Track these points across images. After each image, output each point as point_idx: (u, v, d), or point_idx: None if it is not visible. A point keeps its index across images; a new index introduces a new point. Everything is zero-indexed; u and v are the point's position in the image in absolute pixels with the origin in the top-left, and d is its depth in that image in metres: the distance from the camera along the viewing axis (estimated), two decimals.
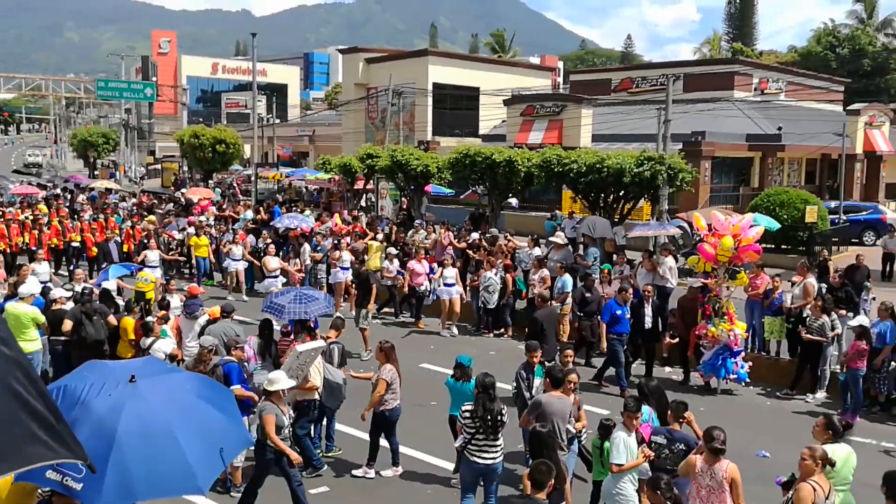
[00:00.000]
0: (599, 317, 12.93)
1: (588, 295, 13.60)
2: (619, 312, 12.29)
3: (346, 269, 16.95)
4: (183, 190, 36.93)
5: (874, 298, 13.44)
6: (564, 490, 7.22)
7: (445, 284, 15.78)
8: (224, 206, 28.84)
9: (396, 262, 16.91)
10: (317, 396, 8.80)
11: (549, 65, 74.61)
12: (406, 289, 16.48)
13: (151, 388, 4.89)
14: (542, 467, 5.70)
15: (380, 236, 19.52)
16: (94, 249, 20.68)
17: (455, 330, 15.89)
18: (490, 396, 7.31)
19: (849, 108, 41.51)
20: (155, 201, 31.91)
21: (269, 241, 19.28)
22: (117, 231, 21.61)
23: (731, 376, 12.11)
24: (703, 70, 41.87)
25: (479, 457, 7.27)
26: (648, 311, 12.95)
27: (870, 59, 61.72)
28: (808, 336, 11.98)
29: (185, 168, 49.93)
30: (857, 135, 36.87)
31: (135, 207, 28.54)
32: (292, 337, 10.25)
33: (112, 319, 11.15)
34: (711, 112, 34.18)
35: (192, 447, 4.65)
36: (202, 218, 23.65)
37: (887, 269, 21.68)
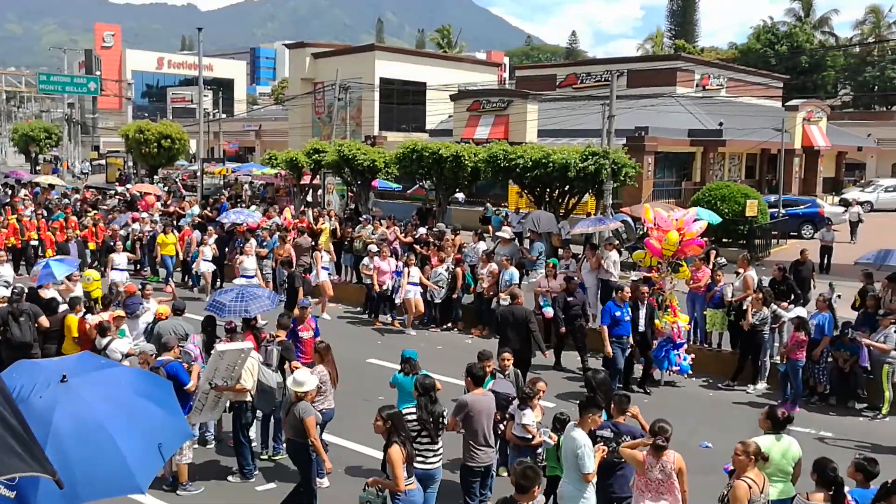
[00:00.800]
0: (587, 320, 12.91)
1: (570, 299, 13.03)
2: (618, 314, 11.57)
3: (326, 268, 16.73)
4: (128, 185, 36.11)
5: (839, 296, 13.61)
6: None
7: (410, 283, 15.34)
8: (168, 202, 28.37)
9: (376, 260, 16.40)
10: (249, 398, 8.58)
11: (496, 60, 74.96)
12: (376, 287, 16.05)
13: (84, 386, 4.75)
14: (529, 472, 5.63)
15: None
16: (49, 251, 19.58)
17: (412, 330, 15.58)
18: (431, 398, 7.13)
19: (787, 104, 42.58)
20: (99, 197, 31.19)
21: (214, 236, 19.05)
22: (78, 231, 20.72)
23: (674, 368, 12.28)
24: (646, 66, 42.50)
25: (418, 462, 6.97)
26: (643, 313, 12.08)
27: (807, 56, 63.48)
28: (748, 322, 12.17)
29: (131, 163, 48.85)
30: (795, 130, 37.88)
31: (78, 203, 27.72)
32: (237, 334, 10.04)
33: (44, 320, 10.76)
34: (654, 108, 34.70)
35: (129, 444, 4.54)
36: (146, 214, 23.22)
37: (825, 261, 22.31)
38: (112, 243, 18.84)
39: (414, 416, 7.07)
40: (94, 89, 48.36)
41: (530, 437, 7.45)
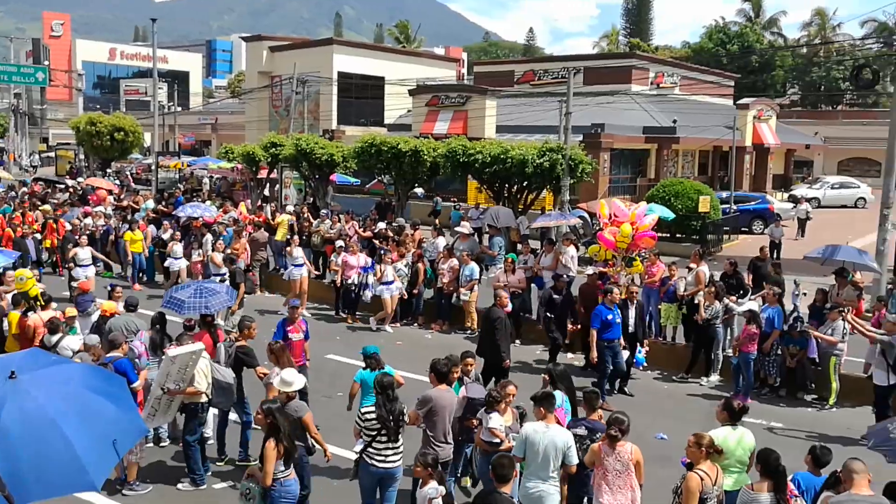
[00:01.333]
0: (576, 321, 12.95)
1: (556, 297, 12.90)
2: (609, 317, 11.32)
3: (301, 265, 16.29)
4: (80, 179, 35.27)
5: (805, 294, 13.95)
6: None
7: (385, 282, 15.09)
8: (122, 196, 27.85)
9: (344, 256, 16.14)
10: (204, 399, 8.39)
11: (454, 56, 75.00)
12: (339, 281, 15.83)
13: (34, 383, 4.68)
14: (504, 461, 5.81)
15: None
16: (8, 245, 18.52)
17: (388, 328, 15.28)
18: (389, 396, 7.07)
19: (738, 102, 43.53)
20: (49, 190, 30.31)
21: (169, 230, 18.79)
22: (35, 226, 19.90)
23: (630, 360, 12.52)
24: (602, 64, 43.00)
25: (378, 461, 7.01)
26: (632, 313, 12.01)
27: (757, 55, 64.86)
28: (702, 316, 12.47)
29: (82, 156, 47.76)
30: (746, 128, 38.72)
31: (27, 196, 26.92)
32: (196, 331, 9.84)
33: None
34: (610, 105, 35.17)
35: (82, 441, 4.46)
36: (99, 208, 22.76)
37: (773, 256, 22.88)
38: (75, 238, 18.11)
39: (373, 415, 7.03)
40: (43, 79, 47.06)
41: (498, 441, 7.17)
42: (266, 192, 32.76)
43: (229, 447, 9.08)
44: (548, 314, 12.95)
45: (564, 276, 14.01)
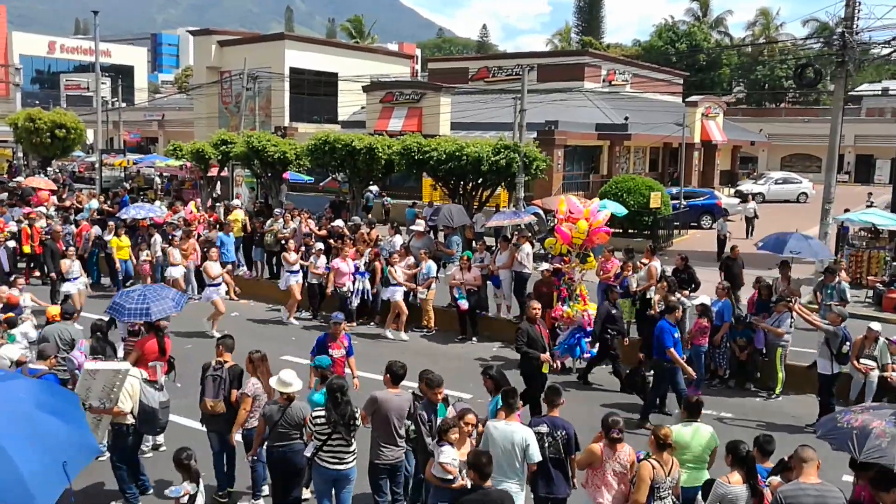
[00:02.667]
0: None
1: (615, 311, 12.33)
2: (676, 335, 10.70)
3: (296, 272, 15.77)
4: (19, 178, 34.05)
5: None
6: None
7: (391, 284, 14.75)
8: (64, 196, 27.02)
9: (323, 258, 15.84)
10: (130, 420, 7.91)
11: (408, 52, 74.88)
12: (330, 289, 15.19)
13: None
14: (483, 458, 5.84)
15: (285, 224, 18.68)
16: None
17: (404, 335, 14.72)
18: (338, 399, 6.95)
19: (687, 100, 44.39)
20: None
21: (114, 231, 18.34)
22: (6, 234, 18.37)
23: (586, 355, 12.68)
24: (555, 61, 43.38)
25: (330, 463, 6.97)
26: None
27: (705, 54, 66.23)
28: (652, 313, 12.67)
29: (21, 154, 46.22)
30: (695, 125, 39.50)
31: None
32: (140, 337, 9.54)
33: None
34: (564, 102, 35.49)
35: (30, 464, 4.23)
36: (41, 208, 21.96)
37: (721, 252, 23.40)
38: (63, 249, 16.85)
39: (323, 419, 6.96)
40: None
41: (451, 477, 6.49)
42: (217, 191, 32.21)
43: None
44: (609, 330, 12.13)
45: (617, 287, 13.42)
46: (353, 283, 15.07)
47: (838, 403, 10.18)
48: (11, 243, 18.00)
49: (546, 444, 6.80)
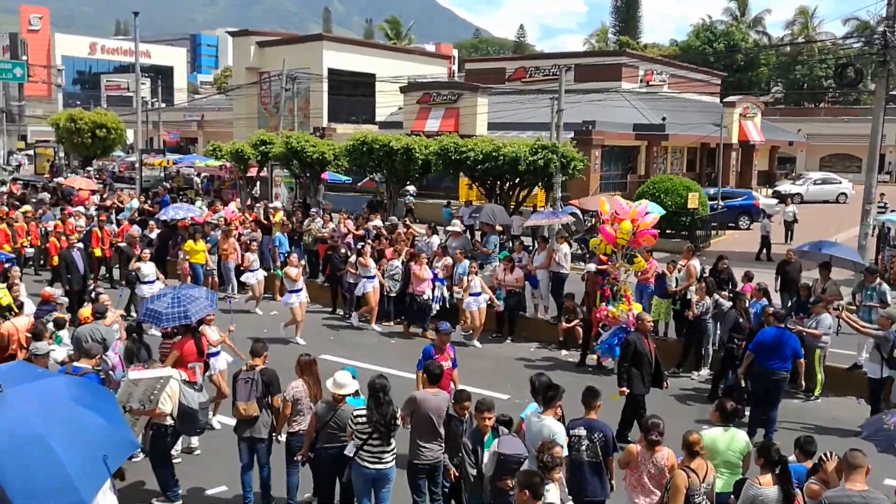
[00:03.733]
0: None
1: (741, 320, 11.68)
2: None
3: (372, 277, 15.08)
4: (60, 178, 34.68)
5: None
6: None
7: (472, 294, 14.21)
8: (105, 196, 27.43)
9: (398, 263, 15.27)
10: (170, 422, 7.97)
11: (445, 53, 75.09)
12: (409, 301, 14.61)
13: (20, 397, 4.57)
14: (535, 478, 5.40)
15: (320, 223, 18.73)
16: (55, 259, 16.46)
17: (478, 343, 14.32)
18: (379, 399, 6.96)
19: (725, 100, 43.86)
20: (26, 191, 29.20)
21: (156, 231, 18.57)
22: (77, 235, 17.60)
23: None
24: (592, 61, 43.19)
25: (371, 462, 6.98)
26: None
27: (743, 54, 65.36)
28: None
29: (62, 154, 47.26)
30: (732, 125, 39.07)
31: (5, 197, 26.11)
32: (177, 338, 9.41)
33: None
34: (601, 102, 35.35)
35: (71, 456, 4.34)
36: (81, 208, 22.21)
37: (765, 251, 23.26)
38: (125, 248, 16.60)
39: (364, 418, 7.02)
40: (21, 75, 46.28)
41: None
42: (256, 191, 32.66)
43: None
44: (735, 339, 11.50)
45: (742, 299, 12.52)
46: (433, 289, 14.63)
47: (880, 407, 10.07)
48: (232, 261, 17.42)
49: (583, 447, 6.78)
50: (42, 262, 19.68)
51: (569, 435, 6.85)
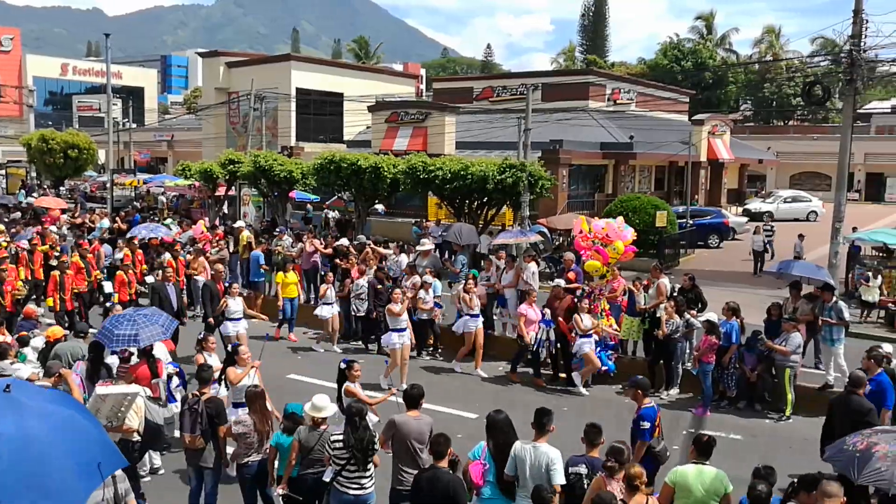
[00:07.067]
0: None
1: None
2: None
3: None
4: (31, 199, 34.36)
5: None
6: None
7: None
8: (76, 214, 27.29)
9: (431, 291, 14.69)
10: (136, 438, 7.98)
11: (413, 72, 75.23)
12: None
13: (27, 398, 4.59)
14: (440, 439, 6.48)
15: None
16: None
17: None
18: (356, 424, 6.88)
19: (693, 118, 44.38)
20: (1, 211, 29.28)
21: (124, 250, 18.36)
22: (172, 265, 15.99)
23: (604, 368, 12.75)
24: (559, 80, 43.48)
25: (349, 488, 6.87)
26: None
27: (711, 72, 66.35)
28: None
29: (34, 174, 46.68)
30: (701, 143, 39.48)
31: None
32: (132, 363, 9.34)
33: None
34: (568, 121, 35.52)
35: (76, 459, 4.41)
36: (53, 228, 22.13)
37: (760, 264, 23.54)
38: (214, 285, 15.04)
39: (341, 443, 6.89)
40: None
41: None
42: (225, 210, 32.37)
43: None
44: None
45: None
46: (538, 332, 13.21)
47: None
48: (201, 278, 16.41)
49: (586, 485, 6.54)
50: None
51: (568, 473, 6.63)
